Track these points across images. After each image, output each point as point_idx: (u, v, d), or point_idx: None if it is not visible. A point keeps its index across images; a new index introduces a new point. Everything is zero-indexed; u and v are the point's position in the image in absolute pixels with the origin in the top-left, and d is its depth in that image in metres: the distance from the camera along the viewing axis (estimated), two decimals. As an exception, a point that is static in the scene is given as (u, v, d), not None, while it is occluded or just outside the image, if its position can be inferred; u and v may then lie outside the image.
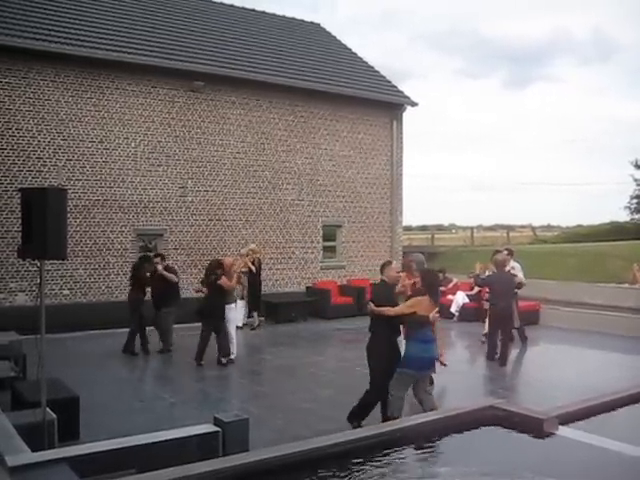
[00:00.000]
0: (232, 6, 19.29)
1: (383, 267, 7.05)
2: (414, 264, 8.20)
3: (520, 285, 11.12)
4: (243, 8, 19.50)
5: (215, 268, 10.23)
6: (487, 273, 11.36)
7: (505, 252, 11.53)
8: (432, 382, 7.33)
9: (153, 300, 11.02)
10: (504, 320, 10.34)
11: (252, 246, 13.35)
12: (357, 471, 3.41)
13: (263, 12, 19.84)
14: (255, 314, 13.79)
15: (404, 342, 6.75)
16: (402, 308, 6.53)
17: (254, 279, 13.69)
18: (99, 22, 14.68)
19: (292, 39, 18.79)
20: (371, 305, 6.71)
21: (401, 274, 6.89)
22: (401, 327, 6.82)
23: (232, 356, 10.24)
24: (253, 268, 13.47)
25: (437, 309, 6.57)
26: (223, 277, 10.07)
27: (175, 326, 11.12)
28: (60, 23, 13.98)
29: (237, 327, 11.28)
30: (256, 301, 13.81)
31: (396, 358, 6.59)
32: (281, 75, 15.91)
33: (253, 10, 19.65)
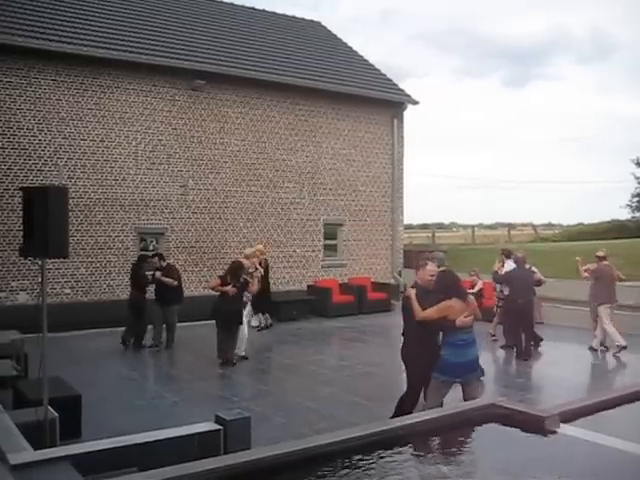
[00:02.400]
0: (233, 5, 19.29)
1: (417, 268, 6.50)
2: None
3: (540, 282, 11.29)
4: (244, 7, 19.50)
5: (240, 270, 10.04)
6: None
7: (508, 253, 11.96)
8: None
9: (160, 297, 11.13)
10: (523, 315, 10.78)
11: (259, 247, 12.75)
12: (357, 469, 3.40)
13: (264, 10, 19.83)
14: (267, 315, 13.49)
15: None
16: (431, 312, 5.93)
17: (262, 281, 12.43)
18: (100, 21, 14.68)
19: (293, 37, 18.78)
20: (411, 291, 6.16)
21: (434, 277, 6.17)
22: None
23: (243, 353, 10.30)
24: (261, 270, 12.26)
25: (466, 313, 5.90)
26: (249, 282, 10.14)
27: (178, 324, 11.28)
28: (61, 22, 13.99)
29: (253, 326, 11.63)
30: (265, 303, 13.14)
31: (433, 361, 5.99)
32: (282, 73, 15.91)
33: (254, 9, 19.65)
